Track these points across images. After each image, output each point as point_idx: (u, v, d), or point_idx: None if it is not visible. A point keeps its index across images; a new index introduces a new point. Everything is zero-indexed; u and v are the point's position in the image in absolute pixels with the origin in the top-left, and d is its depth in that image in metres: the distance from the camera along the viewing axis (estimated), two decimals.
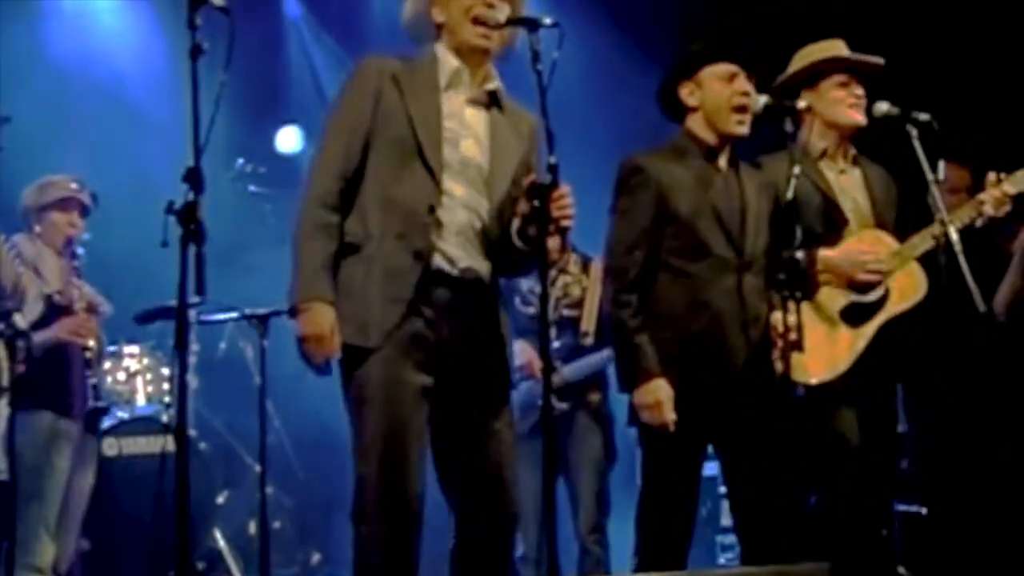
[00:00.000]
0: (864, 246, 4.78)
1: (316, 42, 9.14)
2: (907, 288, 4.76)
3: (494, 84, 4.08)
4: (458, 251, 3.91)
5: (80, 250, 6.11)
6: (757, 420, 4.38)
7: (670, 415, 4.29)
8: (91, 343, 6.11)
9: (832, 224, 4.81)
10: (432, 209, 3.87)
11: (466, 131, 3.98)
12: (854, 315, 4.76)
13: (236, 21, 3.50)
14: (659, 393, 4.30)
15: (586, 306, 6.16)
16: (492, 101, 4.07)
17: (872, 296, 4.76)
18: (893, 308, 4.76)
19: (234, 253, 7.50)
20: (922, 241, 4.72)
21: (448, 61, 4.02)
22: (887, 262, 4.74)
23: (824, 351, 4.69)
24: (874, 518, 4.80)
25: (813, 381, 4.64)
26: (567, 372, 6.09)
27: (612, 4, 8.49)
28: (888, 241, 4.81)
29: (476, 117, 4.03)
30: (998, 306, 5.80)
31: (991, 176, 4.82)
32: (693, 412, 4.32)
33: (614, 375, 4.58)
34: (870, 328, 4.74)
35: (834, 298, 4.76)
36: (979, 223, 4.77)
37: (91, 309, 6.05)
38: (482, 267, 3.97)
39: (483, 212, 3.96)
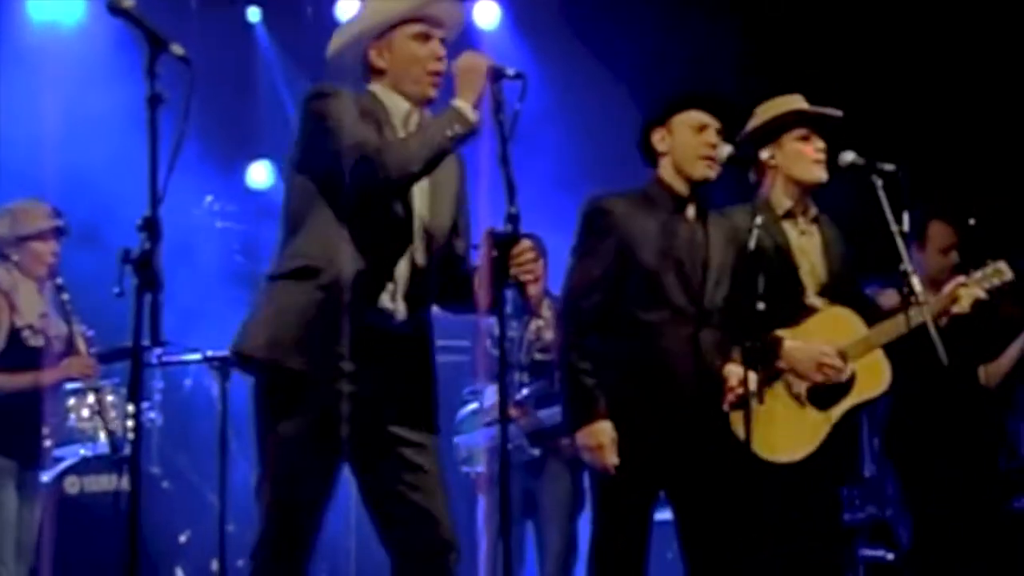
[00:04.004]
0: (829, 332, 4.73)
1: (288, 77, 9.12)
2: (873, 374, 4.69)
3: None
4: (400, 304, 3.86)
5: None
6: (708, 469, 4.40)
7: (612, 458, 4.29)
8: (101, 383, 6.11)
9: (789, 287, 4.76)
10: (386, 263, 3.83)
11: None
12: (821, 397, 4.71)
13: (198, 67, 3.39)
14: (602, 436, 4.30)
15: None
16: None
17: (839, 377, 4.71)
18: (860, 394, 4.72)
19: (200, 290, 7.46)
20: (894, 327, 4.69)
21: (396, 104, 3.93)
22: (852, 348, 4.71)
23: (792, 432, 4.66)
24: (830, 569, 4.79)
25: (782, 460, 4.61)
26: (543, 417, 6.08)
27: (597, 49, 8.54)
28: (853, 324, 4.77)
29: None
30: (992, 377, 5.82)
31: (960, 278, 4.86)
32: (645, 459, 4.33)
33: None
34: (837, 411, 4.70)
35: (801, 380, 4.71)
36: (955, 310, 4.79)
37: (85, 346, 5.97)
38: (418, 317, 3.93)
39: (422, 262, 3.91)
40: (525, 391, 6.18)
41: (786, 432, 4.64)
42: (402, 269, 3.87)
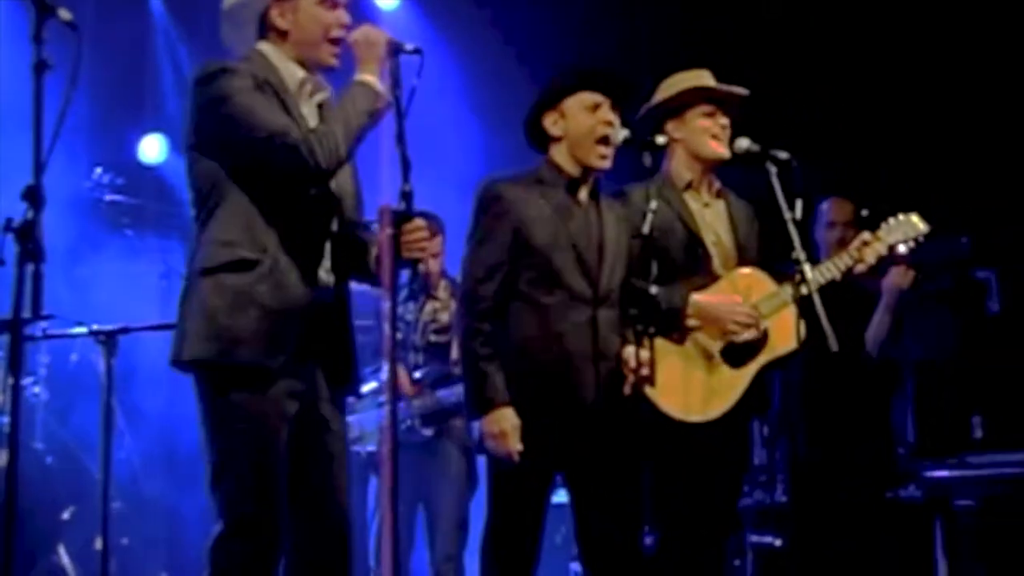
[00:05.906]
0: (739, 290, 4.75)
1: (184, 49, 8.96)
2: (786, 330, 4.62)
3: (325, 94, 3.92)
4: (331, 276, 3.84)
5: None
6: (605, 453, 4.39)
7: (515, 445, 4.29)
8: None
9: (694, 259, 4.78)
10: (316, 234, 3.79)
11: None
12: (734, 355, 4.72)
13: (82, 35, 3.29)
14: (504, 423, 4.29)
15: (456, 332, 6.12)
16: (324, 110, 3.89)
17: (750, 335, 4.71)
18: (774, 350, 4.73)
19: (88, 264, 7.33)
20: (795, 288, 4.68)
21: (290, 70, 3.84)
22: (765, 304, 4.73)
23: (706, 391, 4.67)
24: (717, 558, 4.81)
25: (696, 419, 4.63)
26: (439, 397, 6.06)
27: (500, 28, 8.51)
28: (762, 282, 4.79)
29: None
30: (870, 344, 5.86)
31: (864, 235, 4.88)
32: (542, 442, 4.32)
33: None
34: (752, 369, 4.72)
35: (713, 338, 4.71)
36: (858, 269, 4.83)
37: None
38: (340, 286, 3.90)
39: (339, 231, 3.87)
40: (418, 373, 6.15)
41: (700, 391, 4.65)
42: (327, 241, 3.83)
